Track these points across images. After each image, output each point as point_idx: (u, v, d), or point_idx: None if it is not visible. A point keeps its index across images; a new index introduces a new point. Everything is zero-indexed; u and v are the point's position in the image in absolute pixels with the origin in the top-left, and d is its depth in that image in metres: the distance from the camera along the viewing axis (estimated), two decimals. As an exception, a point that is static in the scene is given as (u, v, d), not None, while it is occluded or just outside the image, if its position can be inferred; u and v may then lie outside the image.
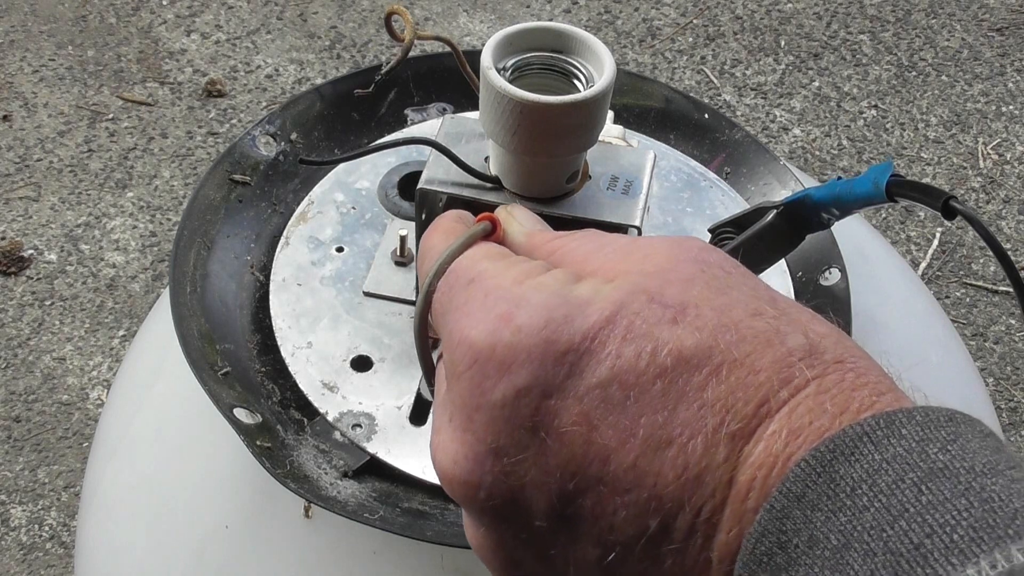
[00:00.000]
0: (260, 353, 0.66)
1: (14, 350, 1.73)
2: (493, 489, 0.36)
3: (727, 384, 0.33)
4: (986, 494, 0.29)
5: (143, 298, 1.80)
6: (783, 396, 0.33)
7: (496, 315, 0.36)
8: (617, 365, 0.34)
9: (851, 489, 0.30)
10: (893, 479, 0.30)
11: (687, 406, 0.33)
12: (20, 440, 1.63)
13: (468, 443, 0.36)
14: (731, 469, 0.33)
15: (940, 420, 0.31)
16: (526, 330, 0.35)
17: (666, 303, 0.35)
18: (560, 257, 0.40)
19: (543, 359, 0.34)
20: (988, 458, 0.30)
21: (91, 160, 1.99)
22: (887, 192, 0.51)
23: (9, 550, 1.53)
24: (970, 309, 1.83)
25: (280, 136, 0.76)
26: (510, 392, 0.35)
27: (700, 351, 0.34)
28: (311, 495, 0.57)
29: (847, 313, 0.66)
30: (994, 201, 1.99)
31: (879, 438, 0.31)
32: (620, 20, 2.28)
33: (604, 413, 0.34)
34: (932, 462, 0.30)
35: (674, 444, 0.33)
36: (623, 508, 0.34)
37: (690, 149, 0.78)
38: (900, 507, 0.29)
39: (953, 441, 0.30)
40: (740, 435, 0.33)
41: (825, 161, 2.03)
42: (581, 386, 0.34)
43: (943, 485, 0.29)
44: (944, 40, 2.27)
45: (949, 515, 0.28)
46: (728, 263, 0.38)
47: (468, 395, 0.36)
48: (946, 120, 2.11)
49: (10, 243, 1.86)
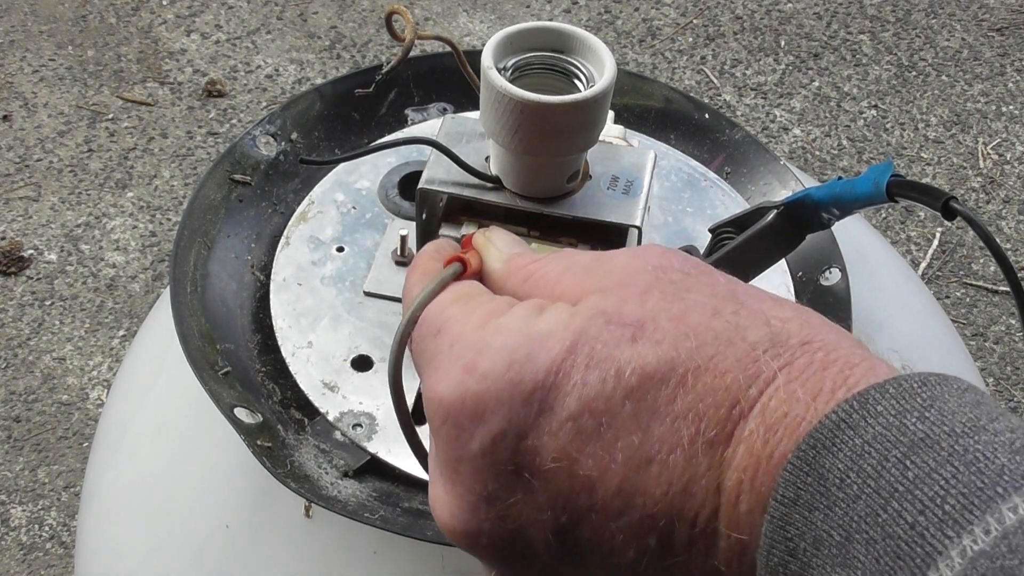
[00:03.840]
0: (260, 353, 0.66)
1: (14, 350, 1.73)
2: (493, 535, 0.36)
3: (695, 392, 0.33)
4: (970, 456, 0.28)
5: (143, 298, 1.80)
6: (753, 394, 0.33)
7: (461, 366, 0.36)
8: (584, 394, 0.34)
9: (840, 480, 0.30)
10: (877, 460, 0.29)
11: (660, 422, 0.33)
12: (20, 440, 1.63)
13: (459, 495, 0.37)
14: (716, 476, 0.33)
15: (914, 387, 0.31)
16: (491, 376, 0.35)
17: (624, 322, 0.35)
18: (534, 283, 0.40)
19: (511, 402, 0.35)
20: (968, 416, 0.30)
21: (91, 160, 1.99)
22: (887, 192, 0.51)
23: (9, 550, 1.53)
24: (970, 309, 1.83)
25: (280, 136, 0.76)
26: (487, 440, 0.35)
27: (663, 365, 0.34)
28: (311, 495, 0.57)
29: (847, 313, 0.66)
30: (994, 201, 1.99)
31: (856, 421, 0.30)
32: (620, 20, 2.28)
33: (581, 444, 0.34)
34: (912, 434, 0.29)
35: (654, 462, 0.33)
36: (619, 532, 0.34)
37: (690, 149, 0.78)
38: (889, 488, 0.29)
39: (930, 407, 0.30)
40: (718, 441, 0.33)
41: (825, 161, 2.03)
42: (554, 422, 0.34)
43: (927, 456, 0.29)
44: (944, 40, 2.27)
45: (937, 486, 0.28)
46: (687, 264, 0.38)
47: (449, 449, 0.36)
48: (946, 120, 2.11)
49: (10, 243, 1.86)
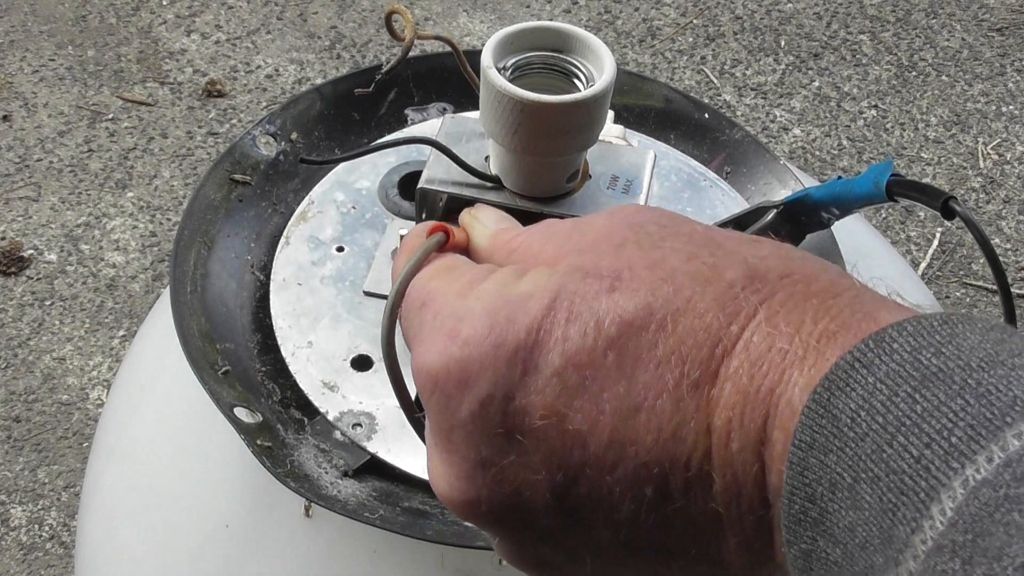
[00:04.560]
0: (260, 352, 0.66)
1: (14, 350, 1.73)
2: (492, 500, 0.36)
3: (676, 336, 0.33)
4: (982, 388, 0.28)
5: (143, 298, 1.80)
6: (735, 331, 0.33)
7: (444, 334, 0.36)
8: (566, 349, 0.34)
9: (851, 420, 0.29)
10: (887, 396, 0.29)
11: (644, 368, 0.33)
12: (20, 440, 1.63)
13: (455, 463, 0.37)
14: (705, 417, 0.33)
15: (934, 326, 0.30)
16: (473, 341, 0.35)
17: (601, 274, 0.35)
18: (520, 254, 0.40)
19: (495, 364, 0.35)
20: (988, 351, 0.29)
21: (91, 160, 1.99)
22: (887, 192, 0.51)
23: (9, 550, 1.53)
24: (970, 309, 1.83)
25: (280, 136, 0.76)
26: (475, 405, 0.35)
27: (641, 311, 0.34)
28: (311, 494, 0.57)
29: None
30: (994, 201, 1.99)
31: (870, 360, 0.30)
32: (620, 20, 2.29)
33: (568, 399, 0.34)
34: (925, 369, 0.29)
35: (642, 410, 0.33)
36: (616, 484, 0.34)
37: (690, 149, 0.78)
38: (897, 422, 0.28)
39: (948, 343, 0.29)
40: (703, 381, 0.33)
41: (825, 161, 2.03)
42: (539, 379, 0.34)
43: (937, 390, 0.28)
44: (944, 40, 2.27)
45: (945, 419, 0.27)
46: (663, 217, 0.38)
47: (440, 418, 0.36)
48: (946, 120, 2.11)
49: (10, 243, 1.86)
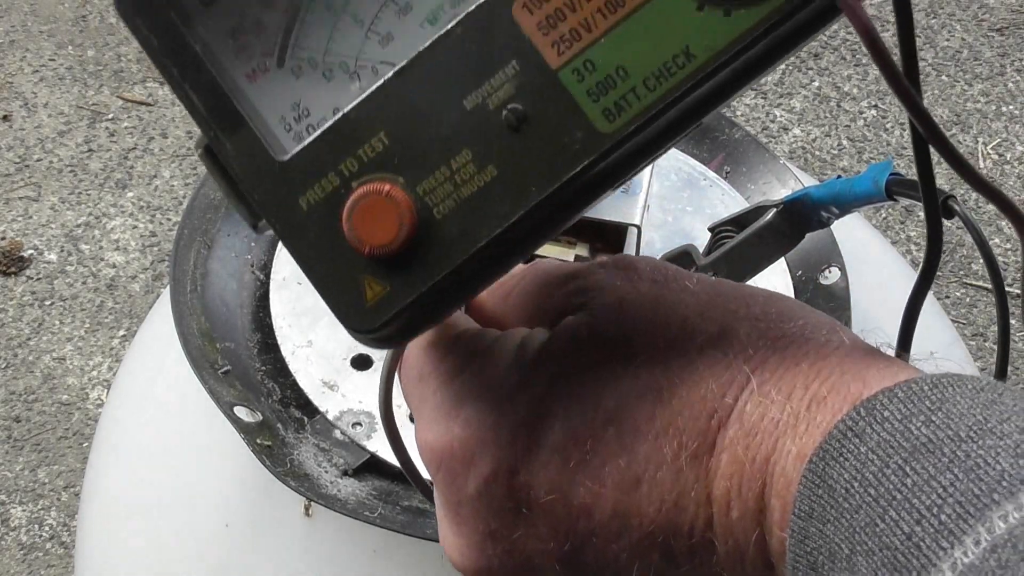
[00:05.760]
0: (260, 352, 0.66)
1: (14, 350, 1.73)
2: (503, 569, 0.37)
3: (672, 408, 0.33)
4: (971, 462, 0.27)
5: (143, 298, 1.80)
6: (728, 401, 0.33)
7: (444, 413, 0.37)
8: (567, 425, 0.35)
9: (845, 491, 0.29)
10: (879, 467, 0.29)
11: (642, 441, 0.34)
12: (20, 440, 1.63)
13: (466, 535, 0.37)
14: (705, 487, 0.33)
15: (924, 390, 0.30)
16: (474, 420, 0.36)
17: (592, 357, 0.35)
18: (514, 300, 0.40)
19: (497, 442, 0.35)
20: (977, 417, 0.29)
21: (91, 160, 1.99)
22: (887, 191, 0.51)
23: (9, 550, 1.53)
24: (970, 309, 1.83)
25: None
26: (480, 482, 0.36)
27: (639, 385, 0.34)
28: (311, 493, 0.57)
29: (847, 312, 0.66)
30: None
31: (862, 429, 0.30)
32: (620, 20, 2.29)
33: (571, 474, 0.34)
34: (915, 439, 0.29)
35: (643, 481, 0.34)
36: (622, 552, 0.34)
37: (690, 148, 0.78)
38: (888, 496, 0.28)
39: (938, 410, 0.29)
40: (700, 452, 0.33)
41: (825, 161, 2.03)
42: (541, 456, 0.35)
43: (927, 462, 0.28)
44: (944, 40, 2.27)
45: (935, 494, 0.27)
46: (657, 272, 0.38)
47: (448, 493, 0.37)
48: (946, 120, 2.11)
49: (10, 243, 1.86)
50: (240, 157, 0.33)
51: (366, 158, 0.32)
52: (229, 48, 0.34)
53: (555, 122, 0.32)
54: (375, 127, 0.32)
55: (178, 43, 0.33)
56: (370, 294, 0.33)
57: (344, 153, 0.33)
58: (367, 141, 0.32)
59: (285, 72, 0.34)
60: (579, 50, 0.31)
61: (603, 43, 0.31)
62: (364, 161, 0.33)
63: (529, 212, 0.32)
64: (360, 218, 0.32)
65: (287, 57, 0.34)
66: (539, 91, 0.32)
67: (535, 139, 0.32)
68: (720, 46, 0.31)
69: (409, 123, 0.32)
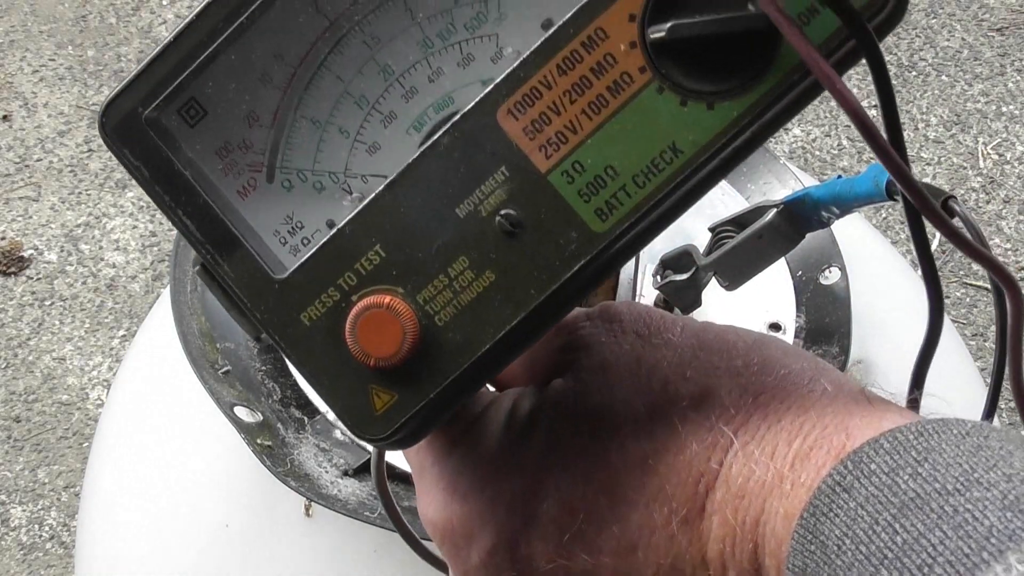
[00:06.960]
0: (261, 352, 0.66)
1: (14, 350, 1.73)
2: None
3: (659, 475, 0.34)
4: (959, 517, 0.28)
5: (143, 298, 1.80)
6: (714, 465, 0.34)
7: (442, 489, 0.38)
8: (561, 497, 0.35)
9: (837, 547, 0.29)
10: (868, 524, 0.29)
11: (634, 508, 0.35)
12: (20, 440, 1.63)
13: None
14: (699, 550, 0.34)
15: (909, 440, 0.30)
16: (472, 496, 0.37)
17: (579, 428, 0.36)
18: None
19: (495, 516, 0.36)
20: (964, 467, 0.29)
21: (91, 160, 1.99)
22: (887, 191, 0.51)
23: (9, 550, 1.53)
24: (970, 309, 1.83)
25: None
26: (483, 555, 0.37)
27: (626, 455, 0.35)
28: (312, 493, 0.57)
29: (847, 312, 0.66)
30: (994, 201, 1.99)
31: (850, 483, 0.30)
32: (620, 20, 2.29)
33: (569, 543, 0.35)
34: (903, 494, 0.29)
35: (639, 548, 0.35)
36: None
37: (690, 148, 0.78)
38: (880, 555, 0.28)
39: (924, 461, 0.29)
40: (691, 517, 0.34)
41: (825, 161, 2.03)
42: (539, 527, 0.36)
43: (915, 519, 0.28)
44: (944, 40, 2.27)
45: (925, 553, 0.27)
46: (643, 326, 0.38)
47: (453, 563, 0.38)
48: (946, 120, 2.11)
49: (10, 243, 1.86)
50: (238, 278, 0.33)
51: (364, 271, 0.33)
52: (218, 167, 0.34)
53: (549, 225, 0.32)
54: (370, 240, 0.33)
55: (167, 169, 0.33)
56: (378, 403, 0.34)
57: (342, 268, 0.33)
58: (364, 254, 0.33)
59: (276, 187, 0.34)
60: (566, 152, 0.32)
61: (590, 144, 0.32)
62: (362, 274, 0.33)
63: (529, 315, 0.32)
64: (364, 331, 0.33)
65: (276, 172, 0.34)
66: (530, 195, 0.32)
67: (530, 243, 0.32)
68: (706, 140, 0.31)
69: (404, 234, 0.33)
